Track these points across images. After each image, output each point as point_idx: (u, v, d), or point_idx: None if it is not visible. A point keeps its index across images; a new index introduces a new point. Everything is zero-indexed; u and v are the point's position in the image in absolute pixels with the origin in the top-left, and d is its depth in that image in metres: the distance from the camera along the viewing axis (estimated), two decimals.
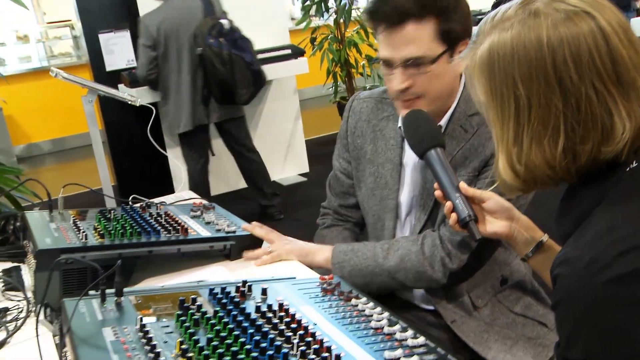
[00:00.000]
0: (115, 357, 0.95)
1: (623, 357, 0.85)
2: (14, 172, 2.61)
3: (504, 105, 0.93)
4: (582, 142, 0.88)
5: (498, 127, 0.95)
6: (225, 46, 3.90)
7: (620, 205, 0.89)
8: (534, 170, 0.92)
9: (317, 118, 7.39)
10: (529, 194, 1.47)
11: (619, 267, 0.83)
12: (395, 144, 1.60)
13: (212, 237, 1.61)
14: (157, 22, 3.94)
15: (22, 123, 7.89)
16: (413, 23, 1.39)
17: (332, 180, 1.78)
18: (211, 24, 3.92)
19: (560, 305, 0.90)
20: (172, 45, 3.98)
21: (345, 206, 1.76)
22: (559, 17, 0.89)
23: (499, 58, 0.91)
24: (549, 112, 0.89)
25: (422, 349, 1.04)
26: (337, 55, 5.60)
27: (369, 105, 1.68)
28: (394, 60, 1.42)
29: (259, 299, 1.22)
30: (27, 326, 1.40)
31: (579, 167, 0.91)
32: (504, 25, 0.92)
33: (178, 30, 3.95)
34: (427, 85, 1.43)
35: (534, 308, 1.63)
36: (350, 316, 1.15)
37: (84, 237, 1.50)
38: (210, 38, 3.88)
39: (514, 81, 0.90)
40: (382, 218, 1.63)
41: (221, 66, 3.89)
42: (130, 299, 1.17)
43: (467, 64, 1.00)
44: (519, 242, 1.29)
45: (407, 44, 1.40)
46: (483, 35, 0.96)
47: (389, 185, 1.60)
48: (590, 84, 0.87)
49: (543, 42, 0.88)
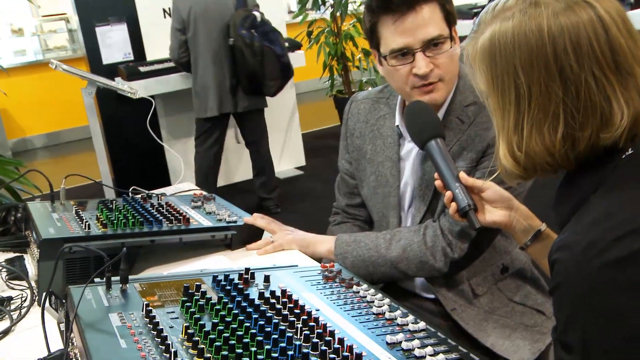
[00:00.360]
0: (122, 342, 0.97)
1: (620, 340, 0.87)
2: (14, 164, 2.61)
3: (504, 93, 0.94)
4: (582, 128, 0.90)
5: (499, 115, 0.97)
6: (257, 38, 3.96)
7: (617, 191, 0.91)
8: (534, 157, 0.94)
9: (314, 112, 7.40)
10: (528, 182, 1.49)
11: (616, 250, 0.85)
12: (393, 141, 1.63)
13: (214, 226, 1.63)
14: (188, 5, 3.99)
15: (17, 117, 7.86)
16: (423, 4, 1.42)
17: (339, 181, 1.82)
18: (243, 15, 3.98)
19: (558, 289, 0.91)
20: (201, 30, 4.02)
21: (352, 205, 1.79)
22: (559, 6, 0.90)
23: (500, 47, 0.93)
24: (549, 99, 0.90)
25: (422, 333, 1.06)
26: (333, 48, 5.60)
27: (366, 106, 1.71)
28: (414, 45, 1.43)
29: (262, 286, 1.24)
30: (31, 314, 1.42)
31: (578, 153, 0.93)
32: (505, 14, 0.94)
33: (208, 16, 4.00)
34: (447, 66, 1.46)
35: (533, 297, 1.65)
36: (352, 302, 1.18)
37: (87, 227, 1.52)
38: (242, 29, 3.94)
39: (514, 69, 0.92)
40: (386, 215, 1.65)
41: (252, 57, 3.95)
42: (135, 286, 1.19)
43: (468, 53, 1.01)
44: (518, 230, 1.31)
45: (425, 26, 1.42)
46: (484, 24, 0.98)
47: (390, 182, 1.63)
48: (589, 72, 0.88)
49: (544, 30, 0.90)
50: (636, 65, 0.89)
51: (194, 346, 0.95)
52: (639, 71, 0.90)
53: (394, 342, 1.01)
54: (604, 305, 0.86)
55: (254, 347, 0.94)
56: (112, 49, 4.66)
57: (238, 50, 3.98)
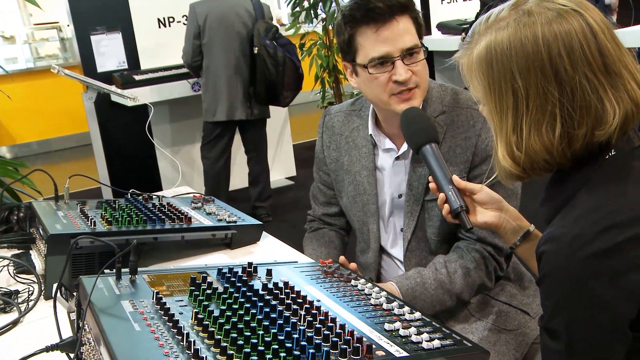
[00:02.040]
0: (136, 325, 1.02)
1: (604, 327, 0.94)
2: (15, 165, 2.65)
3: (502, 97, 1.01)
4: (578, 126, 0.97)
5: (497, 119, 1.03)
6: (279, 49, 4.07)
7: (602, 187, 0.99)
8: (533, 156, 1.01)
9: (305, 123, 7.48)
10: (518, 190, 1.58)
11: (601, 242, 0.92)
12: (368, 151, 1.69)
13: (215, 225, 1.69)
14: (205, 11, 4.08)
15: (7, 124, 7.87)
16: (400, 17, 1.51)
17: (315, 190, 1.88)
18: (266, 26, 4.09)
19: (545, 279, 0.98)
20: (216, 37, 4.10)
21: (329, 214, 1.86)
22: (551, 15, 0.98)
23: (497, 54, 1.00)
24: (546, 100, 0.97)
25: (418, 322, 1.12)
26: (325, 61, 5.69)
27: (339, 118, 1.78)
28: (393, 53, 1.51)
29: (264, 279, 1.30)
30: (38, 307, 1.47)
31: (574, 150, 0.99)
32: (499, 24, 1.01)
33: (224, 23, 4.09)
34: (422, 74, 1.54)
35: (518, 297, 1.71)
36: (351, 295, 1.24)
37: (92, 224, 1.57)
38: (266, 39, 4.04)
39: (512, 74, 0.99)
40: (366, 222, 1.72)
41: (274, 67, 4.06)
42: (143, 277, 1.24)
43: (463, 63, 1.08)
44: (508, 231, 1.38)
45: (402, 35, 1.50)
46: (478, 35, 1.05)
47: (367, 191, 1.69)
48: (582, 74, 0.96)
49: (539, 37, 0.97)
50: (622, 68, 0.97)
51: (204, 330, 1.00)
52: (625, 73, 0.97)
53: (392, 330, 1.07)
54: (589, 294, 0.93)
55: (260, 331, 0.99)
56: (107, 57, 4.71)
57: (261, 59, 4.06)
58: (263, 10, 4.22)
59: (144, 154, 4.75)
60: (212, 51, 4.14)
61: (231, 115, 4.23)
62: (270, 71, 4.06)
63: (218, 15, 4.08)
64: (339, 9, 5.52)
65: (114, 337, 0.97)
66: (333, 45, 5.71)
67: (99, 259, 1.51)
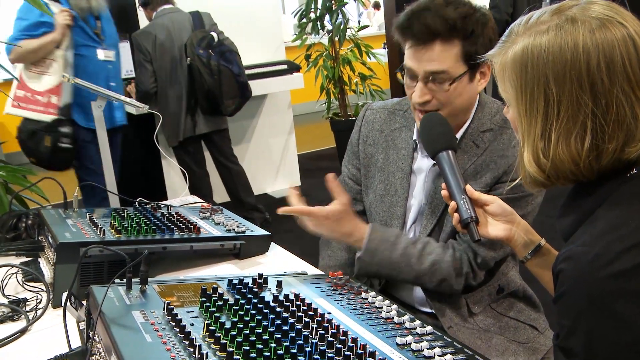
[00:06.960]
0: (148, 336, 1.02)
1: (622, 346, 0.92)
2: (24, 172, 2.65)
3: (532, 101, 0.99)
4: (609, 141, 0.95)
5: (526, 122, 1.01)
6: (214, 57, 4.00)
7: (623, 205, 0.97)
8: (559, 165, 0.99)
9: (310, 133, 7.49)
10: (538, 199, 1.56)
11: (621, 262, 0.90)
12: (407, 153, 1.68)
13: (224, 236, 1.68)
14: (150, 38, 4.03)
15: (15, 131, 7.86)
16: (440, 43, 1.47)
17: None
18: (200, 36, 4.03)
19: (563, 297, 0.96)
20: (166, 59, 4.06)
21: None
22: (595, 24, 0.95)
23: (533, 57, 0.98)
24: (579, 110, 0.95)
25: (430, 336, 1.12)
26: (331, 72, 5.70)
27: (382, 115, 1.76)
28: (417, 72, 1.50)
29: (275, 290, 1.29)
30: (46, 315, 1.46)
31: (601, 165, 0.97)
32: (540, 28, 0.99)
33: (171, 44, 4.04)
34: (445, 101, 1.51)
35: (526, 313, 1.70)
36: (362, 308, 1.23)
37: (101, 233, 1.57)
38: (199, 49, 3.98)
39: (546, 79, 0.97)
40: (389, 224, 1.70)
41: (209, 77, 3.99)
42: (153, 287, 1.24)
43: (496, 61, 1.06)
44: (519, 244, 1.36)
45: (431, 61, 1.47)
46: (516, 35, 1.03)
47: (398, 193, 1.68)
48: (620, 88, 0.93)
49: (579, 45, 0.95)
50: None
51: (216, 342, 0.99)
52: None
53: (404, 344, 1.07)
54: (608, 313, 0.90)
55: (272, 343, 0.99)
56: None
57: (195, 69, 4.00)
58: (203, 20, 4.16)
59: (150, 163, 4.76)
60: (164, 74, 4.08)
61: (187, 133, 4.19)
62: (207, 80, 3.99)
63: (164, 35, 4.02)
64: (345, 20, 5.55)
65: (126, 348, 0.96)
66: (339, 57, 5.73)
67: (108, 268, 1.51)
